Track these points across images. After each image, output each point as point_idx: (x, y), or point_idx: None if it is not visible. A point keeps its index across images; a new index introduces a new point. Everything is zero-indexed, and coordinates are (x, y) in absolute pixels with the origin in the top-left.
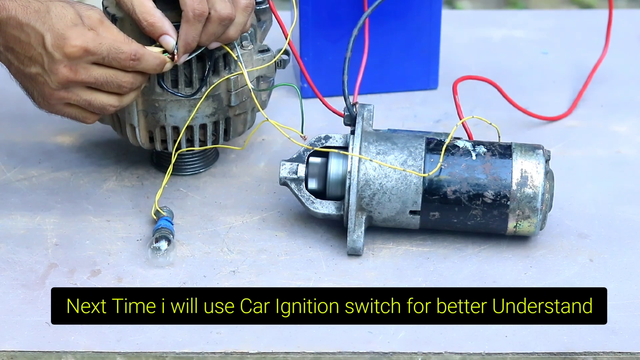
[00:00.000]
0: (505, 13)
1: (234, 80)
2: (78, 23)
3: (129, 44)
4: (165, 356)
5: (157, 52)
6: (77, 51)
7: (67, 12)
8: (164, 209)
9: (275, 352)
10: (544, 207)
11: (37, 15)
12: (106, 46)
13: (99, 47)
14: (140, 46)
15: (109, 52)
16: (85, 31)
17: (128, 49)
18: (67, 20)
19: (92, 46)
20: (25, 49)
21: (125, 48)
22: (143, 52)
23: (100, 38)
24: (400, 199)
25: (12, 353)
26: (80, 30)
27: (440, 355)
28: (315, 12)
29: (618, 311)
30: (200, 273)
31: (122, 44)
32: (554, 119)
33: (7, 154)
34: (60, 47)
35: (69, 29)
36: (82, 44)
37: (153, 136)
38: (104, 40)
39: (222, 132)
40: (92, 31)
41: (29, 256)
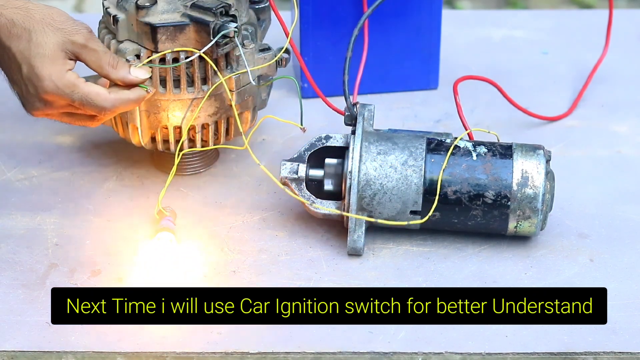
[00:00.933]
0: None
1: (235, 79)
2: (57, 58)
3: (102, 96)
4: (165, 356)
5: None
6: (48, 95)
7: (48, 42)
8: (167, 209)
9: (276, 352)
10: (545, 207)
11: (18, 41)
12: (78, 96)
13: (71, 95)
14: (112, 98)
15: (80, 101)
16: (62, 73)
17: (100, 104)
18: (45, 55)
19: (64, 93)
20: (8, 69)
21: (97, 102)
22: (114, 104)
23: (74, 87)
24: (400, 199)
25: (13, 353)
26: (56, 72)
27: (440, 355)
28: (315, 12)
29: (618, 311)
30: (200, 273)
31: (96, 96)
32: (554, 119)
33: (8, 154)
34: (34, 86)
35: (45, 67)
36: (54, 90)
37: (155, 136)
38: (77, 89)
39: (223, 131)
40: (68, 73)
41: (29, 256)
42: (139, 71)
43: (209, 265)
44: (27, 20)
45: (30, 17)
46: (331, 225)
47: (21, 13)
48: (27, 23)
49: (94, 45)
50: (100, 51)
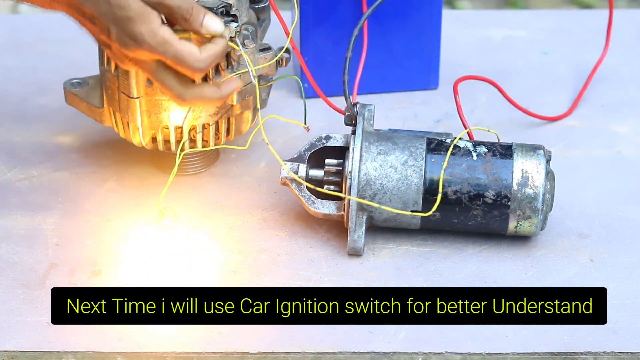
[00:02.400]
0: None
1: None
2: (145, 14)
3: (195, 55)
4: (165, 356)
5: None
6: (141, 53)
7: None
8: (168, 210)
9: (276, 352)
10: (545, 207)
11: (97, 4)
12: (172, 54)
13: (164, 52)
14: (204, 57)
15: (173, 59)
16: (156, 30)
17: (192, 64)
18: (131, 15)
19: (157, 52)
20: (93, 31)
21: (190, 61)
22: (207, 64)
23: (167, 44)
24: (401, 199)
25: (13, 353)
26: (148, 30)
27: (440, 355)
28: (315, 12)
29: (618, 311)
30: (200, 273)
31: (189, 56)
32: (554, 119)
33: (8, 154)
34: (126, 45)
35: (135, 26)
36: (147, 48)
37: (156, 137)
38: (171, 47)
39: (224, 131)
40: (161, 28)
41: (29, 256)
42: (212, 24)
43: (209, 266)
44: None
45: None
46: (331, 225)
47: None
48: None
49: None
50: (174, 7)
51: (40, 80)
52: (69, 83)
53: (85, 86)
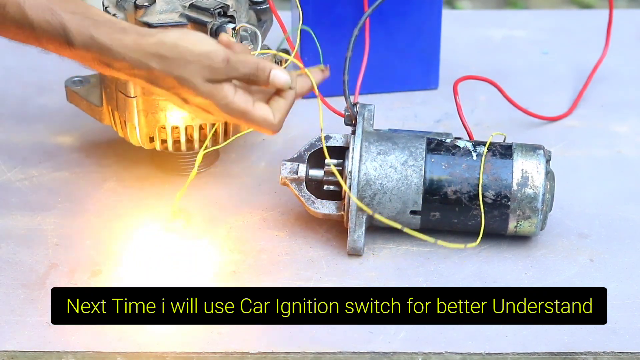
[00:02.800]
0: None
1: None
2: (213, 92)
3: (269, 121)
4: (165, 356)
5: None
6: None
7: (195, 83)
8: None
9: (276, 352)
10: (545, 207)
11: (164, 81)
12: (249, 119)
13: (240, 119)
14: (278, 121)
15: (249, 124)
16: (229, 104)
17: (268, 128)
18: (199, 93)
19: (234, 116)
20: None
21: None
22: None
23: (245, 114)
24: (400, 199)
25: (13, 353)
26: (222, 104)
27: (440, 355)
28: (315, 12)
29: (618, 311)
30: (200, 273)
31: (264, 122)
32: (554, 119)
33: (8, 154)
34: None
35: (209, 103)
36: (224, 116)
37: (153, 136)
38: (248, 116)
39: (222, 131)
40: (237, 96)
41: (29, 256)
42: (278, 77)
43: (209, 265)
44: (164, 66)
45: (165, 64)
46: (331, 225)
47: (155, 59)
48: (166, 68)
49: (234, 74)
50: (241, 76)
51: (40, 80)
52: (70, 81)
53: (86, 84)
